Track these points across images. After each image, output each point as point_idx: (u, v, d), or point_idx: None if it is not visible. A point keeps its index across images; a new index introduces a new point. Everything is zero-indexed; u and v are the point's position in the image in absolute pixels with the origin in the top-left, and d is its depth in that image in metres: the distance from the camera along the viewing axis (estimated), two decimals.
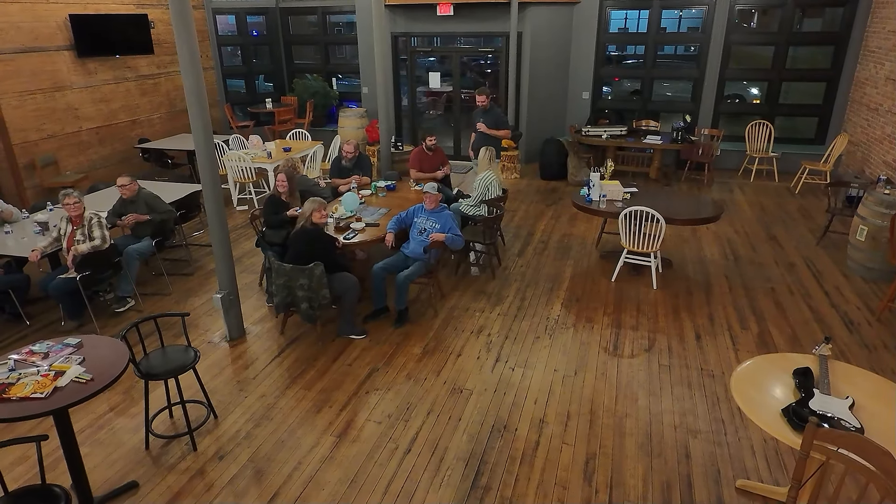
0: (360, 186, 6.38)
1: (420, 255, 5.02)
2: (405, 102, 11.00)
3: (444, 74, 11.24)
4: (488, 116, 6.96)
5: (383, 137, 7.49)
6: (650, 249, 5.52)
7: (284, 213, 5.29)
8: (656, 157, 9.11)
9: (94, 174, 8.78)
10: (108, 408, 3.98)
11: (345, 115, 10.75)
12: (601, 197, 5.86)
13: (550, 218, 7.67)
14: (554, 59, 9.98)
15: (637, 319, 5.09)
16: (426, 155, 6.87)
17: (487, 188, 6.07)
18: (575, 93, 10.33)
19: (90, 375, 2.76)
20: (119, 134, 9.25)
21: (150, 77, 9.74)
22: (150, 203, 5.42)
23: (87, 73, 8.63)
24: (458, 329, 4.94)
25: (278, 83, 12.19)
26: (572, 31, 9.99)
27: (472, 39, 10.59)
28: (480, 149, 6.56)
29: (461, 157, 10.59)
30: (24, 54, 7.73)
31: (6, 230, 5.22)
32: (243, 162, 7.89)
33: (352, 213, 5.57)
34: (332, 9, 11.42)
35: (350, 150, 6.62)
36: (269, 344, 4.76)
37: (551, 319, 5.09)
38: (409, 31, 10.19)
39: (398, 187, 6.49)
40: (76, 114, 8.56)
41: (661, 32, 9.86)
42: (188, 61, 4.03)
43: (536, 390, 4.12)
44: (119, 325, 5.06)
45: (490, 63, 11.40)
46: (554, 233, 7.14)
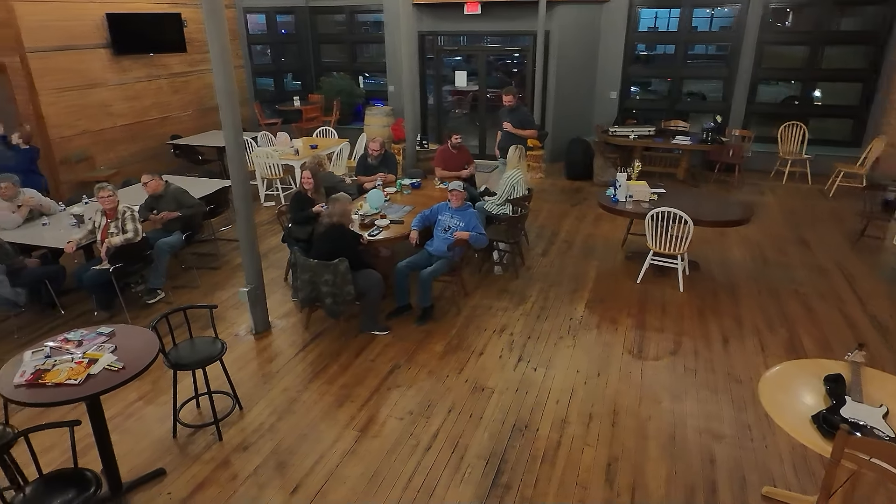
0: (385, 184, 6.42)
1: (444, 252, 5.03)
2: (431, 101, 11.03)
3: (470, 74, 11.24)
4: (514, 116, 6.93)
5: (409, 136, 7.52)
6: (677, 251, 5.44)
7: (310, 209, 5.35)
8: (684, 158, 8.97)
9: (125, 170, 8.98)
10: (137, 396, 4.08)
11: (371, 113, 10.82)
12: (627, 197, 5.80)
13: (575, 218, 7.61)
14: (581, 59, 9.90)
15: (662, 322, 5.02)
16: (451, 153, 6.88)
17: (514, 187, 6.05)
18: (602, 92, 10.23)
19: (121, 364, 2.83)
20: (150, 131, 9.46)
21: (181, 75, 9.94)
22: (178, 198, 5.53)
23: (121, 70, 8.84)
24: (481, 328, 4.93)
25: (306, 81, 12.33)
26: (600, 30, 9.89)
27: (498, 38, 10.57)
28: (508, 148, 6.55)
29: (486, 156, 10.58)
30: (62, 52, 7.96)
31: (43, 222, 5.39)
32: (271, 159, 8.00)
33: (377, 210, 5.61)
34: (360, 8, 11.50)
35: (376, 148, 6.66)
36: (294, 338, 4.83)
37: (574, 320, 5.06)
38: (435, 29, 10.21)
39: (423, 185, 6.51)
40: (109, 110, 8.78)
41: (691, 31, 9.71)
42: (219, 60, 4.10)
43: (559, 390, 4.10)
44: (149, 316, 5.18)
45: (516, 62, 11.36)
46: (578, 233, 7.09)
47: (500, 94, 12.08)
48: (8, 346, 4.74)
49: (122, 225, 4.90)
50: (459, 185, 5.15)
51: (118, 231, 4.88)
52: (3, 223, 5.21)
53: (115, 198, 4.91)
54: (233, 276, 5.98)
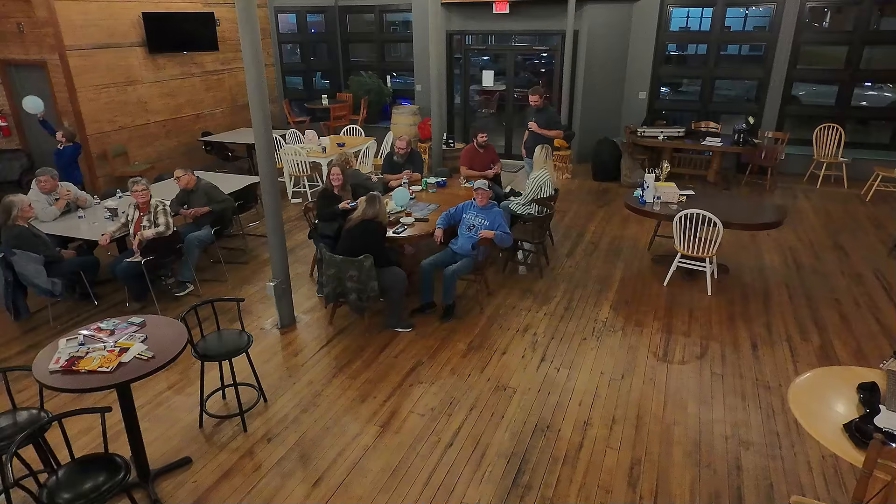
0: (410, 182, 6.44)
1: (468, 251, 5.03)
2: (458, 101, 11.03)
3: (498, 73, 11.22)
4: (541, 116, 6.90)
5: (435, 134, 7.54)
6: (706, 254, 5.34)
7: (336, 206, 5.40)
8: (715, 160, 8.81)
9: (159, 165, 9.20)
10: (166, 386, 4.17)
11: (398, 112, 10.88)
12: (655, 199, 5.72)
13: (602, 219, 7.54)
14: (610, 58, 9.79)
15: (689, 325, 4.94)
16: (477, 152, 6.87)
17: (541, 187, 6.02)
18: (631, 92, 10.10)
19: (151, 353, 2.90)
20: (184, 127, 9.67)
21: (214, 73, 10.13)
22: (209, 193, 5.65)
23: (156, 68, 9.06)
24: (504, 327, 4.92)
25: (334, 80, 12.45)
26: (630, 30, 9.77)
27: (526, 38, 10.53)
28: (534, 148, 6.52)
29: (512, 156, 10.55)
30: (101, 50, 8.19)
31: (80, 215, 5.55)
32: (299, 156, 8.10)
33: (402, 208, 5.64)
34: (389, 7, 11.57)
35: (402, 146, 6.70)
36: (318, 332, 4.88)
37: (599, 321, 5.01)
38: (464, 29, 10.21)
39: (448, 184, 6.52)
40: (145, 107, 9.00)
41: (724, 31, 9.52)
42: (251, 58, 4.17)
43: (581, 392, 4.07)
44: (179, 308, 5.29)
45: (544, 62, 11.30)
46: (605, 234, 7.01)
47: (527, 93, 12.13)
48: (45, 334, 4.90)
49: (153, 218, 5.02)
50: (485, 183, 5.15)
51: (150, 224, 5.01)
52: (41, 215, 5.38)
53: (148, 192, 5.03)
54: (260, 271, 6.08)
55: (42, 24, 7.69)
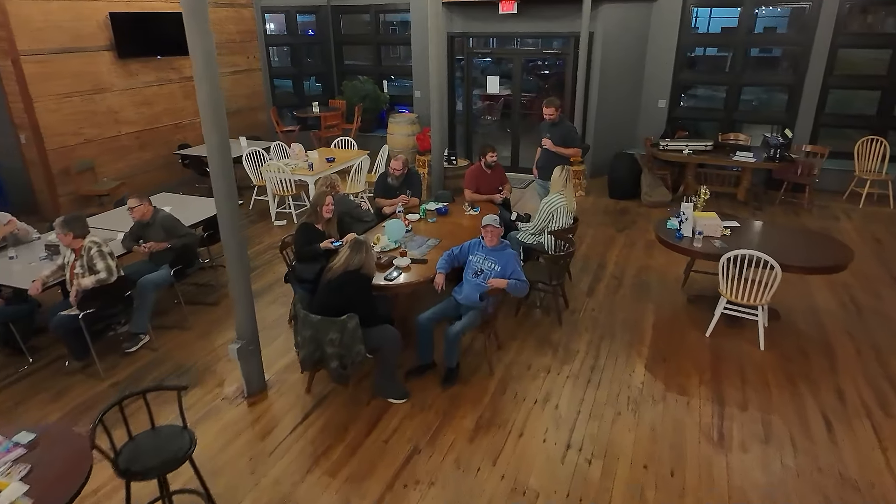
0: (406, 209, 5.58)
1: (475, 302, 4.17)
2: (459, 107, 10.14)
3: (502, 76, 10.37)
4: (556, 131, 6.03)
5: (435, 150, 6.67)
6: (758, 301, 4.48)
7: (319, 244, 4.54)
8: (745, 177, 7.94)
9: (133, 180, 8.35)
10: (89, 490, 3.31)
11: (395, 120, 10.01)
12: (696, 234, 4.85)
13: (623, 246, 6.67)
14: (627, 63, 8.93)
15: (743, 393, 4.07)
16: (484, 173, 6.01)
17: (552, 216, 5.16)
18: (650, 101, 9.24)
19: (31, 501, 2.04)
20: (161, 138, 8.81)
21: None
22: (167, 227, 4.78)
23: (128, 74, 8.19)
24: (519, 396, 4.06)
25: (328, 85, 11.60)
26: (649, 32, 8.91)
27: (535, 40, 9.67)
28: (553, 168, 5.70)
29: (520, 169, 9.69)
30: (64, 55, 7.32)
31: (10, 255, 4.67)
32: (282, 173, 7.24)
33: (396, 244, 4.78)
34: (386, 7, 10.71)
35: (398, 167, 5.84)
36: (293, 402, 4.02)
37: (633, 387, 4.14)
38: (467, 30, 9.35)
39: (451, 210, 5.66)
40: (116, 117, 8.13)
41: (752, 33, 8.65)
42: (203, 69, 3.35)
43: (622, 497, 3.21)
44: (130, 366, 4.44)
45: (554, 66, 10.44)
46: (628, 265, 6.15)
47: (534, 99, 11.25)
48: None
49: (88, 263, 4.14)
50: (495, 219, 4.28)
51: (85, 271, 4.13)
52: None
53: (76, 239, 4.15)
54: (232, 314, 5.20)
55: None
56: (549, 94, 11.19)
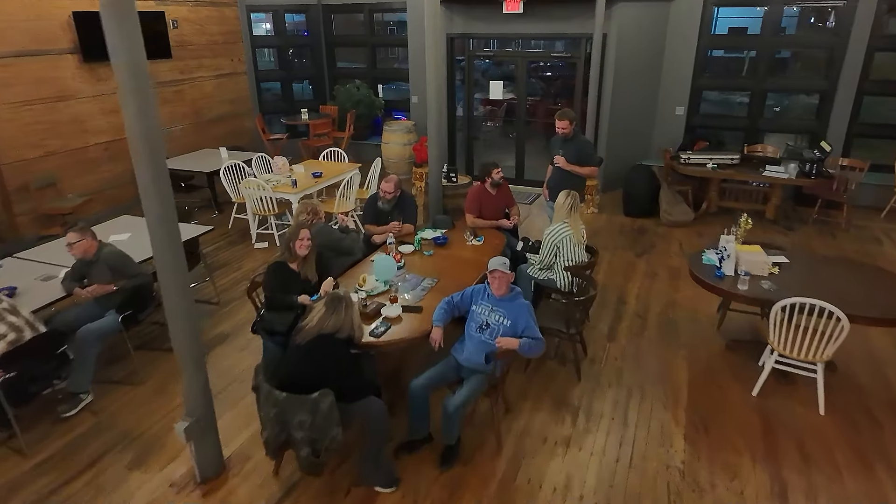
0: (399, 238, 4.84)
1: (479, 364, 3.43)
2: (460, 112, 9.39)
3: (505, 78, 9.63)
4: (570, 147, 5.28)
5: (433, 166, 5.92)
6: (817, 357, 3.74)
7: (294, 289, 3.79)
8: (775, 193, 7.20)
9: (102, 196, 7.62)
10: None
11: (390, 128, 9.29)
12: (741, 274, 4.11)
13: (644, 275, 5.93)
14: (642, 67, 8.19)
15: (808, 474, 3.34)
16: (488, 194, 5.28)
17: (557, 248, 4.43)
18: (666, 108, 8.50)
19: None
20: None
21: (172, 84, 8.53)
22: (114, 265, 4.04)
23: (95, 79, 7.44)
24: (534, 482, 3.32)
25: (319, 90, 10.86)
26: (667, 33, 8.18)
27: (541, 42, 8.94)
28: (559, 190, 4.97)
29: (525, 182, 8.95)
30: (22, 59, 6.57)
31: None
32: (263, 191, 6.50)
33: (386, 285, 4.04)
34: (381, 6, 9.98)
35: (389, 190, 5.10)
36: (257, 489, 3.28)
37: (673, 468, 3.41)
38: (468, 31, 8.60)
39: (451, 239, 4.91)
40: (83, 127, 7.39)
41: (779, 34, 7.91)
42: (128, 82, 2.60)
43: None
44: (65, 436, 3.70)
45: (562, 70, 9.70)
46: (652, 299, 5.41)
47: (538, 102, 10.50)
48: None
49: None
50: (504, 262, 3.54)
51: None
52: None
53: None
54: None
55: None
56: (555, 98, 10.49)
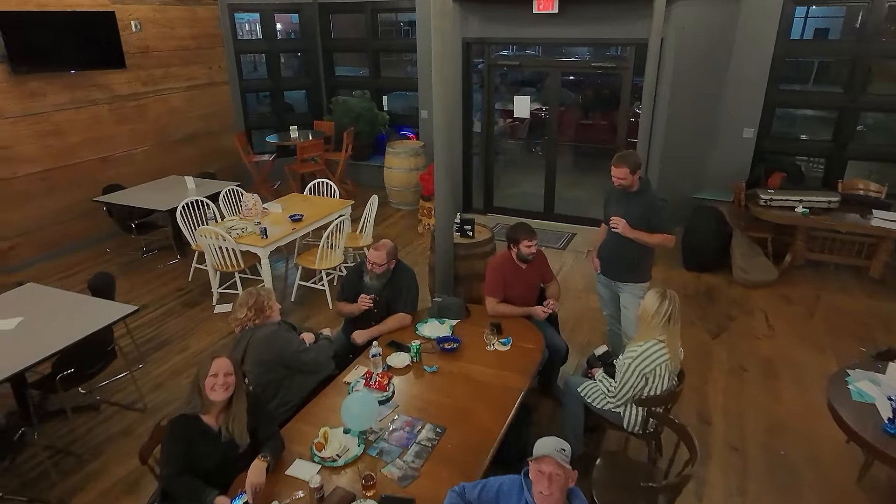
0: (385, 338, 3.34)
1: None
2: (477, 128, 7.83)
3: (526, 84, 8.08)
4: (634, 204, 3.67)
5: (441, 215, 4.35)
6: None
7: (207, 492, 2.29)
8: (883, 246, 5.58)
9: (36, 237, 6.24)
10: None
11: (393, 150, 7.81)
12: None
13: (728, 371, 4.35)
14: (704, 80, 6.61)
15: None
16: (516, 269, 3.76)
17: (645, 379, 2.90)
18: (731, 129, 6.88)
19: None
20: (80, 177, 6.63)
21: (132, 98, 7.10)
22: None
23: (26, 95, 6.03)
24: None
25: (315, 101, 9.40)
26: (735, 39, 6.58)
27: (578, 49, 7.39)
28: (614, 262, 3.49)
29: (554, 217, 7.41)
30: None
31: None
32: (224, 241, 5.03)
33: (360, 445, 2.54)
34: (385, 4, 8.51)
35: (379, 260, 3.60)
36: None
37: None
38: (487, 36, 7.07)
39: (464, 341, 3.38)
40: (7, 154, 5.96)
41: (880, 37, 6.27)
42: None
43: None
44: None
45: (601, 82, 8.12)
46: (747, 417, 3.84)
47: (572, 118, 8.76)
48: None
49: None
50: (561, 448, 2.01)
51: None
52: None
53: None
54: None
55: None
56: (587, 113, 8.82)
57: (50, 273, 5.97)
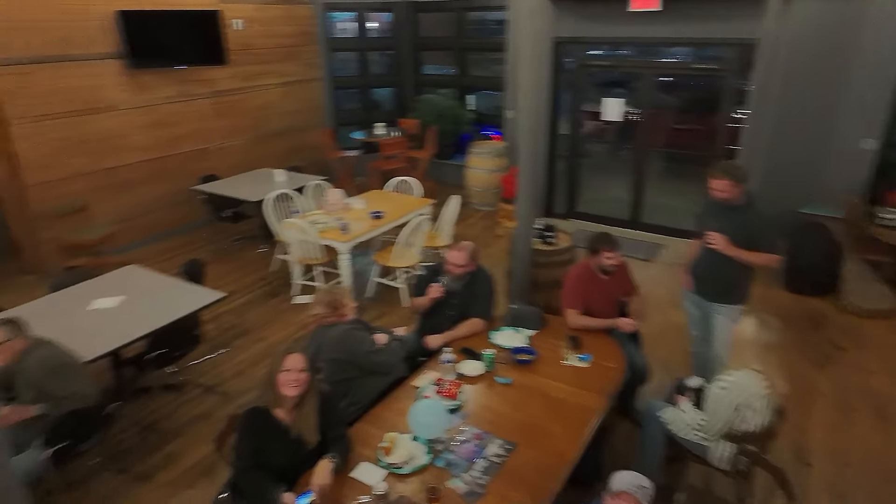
0: (459, 343, 3.26)
1: None
2: (563, 130, 7.58)
3: (616, 85, 7.68)
4: (735, 220, 3.35)
5: (522, 220, 4.23)
6: None
7: (273, 490, 2.30)
8: None
9: (136, 223, 6.67)
10: None
11: (476, 151, 7.73)
12: None
13: (833, 408, 3.92)
14: (817, 84, 6.04)
15: None
16: (596, 280, 3.56)
17: (739, 412, 2.64)
18: (846, 138, 6.24)
19: None
20: (181, 168, 7.06)
21: (230, 93, 7.46)
22: (40, 380, 2.77)
23: (139, 88, 6.47)
24: None
25: (401, 99, 9.50)
26: (856, 40, 5.95)
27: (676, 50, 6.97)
28: (707, 281, 3.22)
29: (641, 225, 7.06)
30: (48, 65, 5.67)
31: None
32: (306, 234, 5.16)
33: (428, 453, 2.47)
34: (477, 4, 8.45)
35: (458, 261, 3.52)
36: None
37: None
38: (580, 35, 6.83)
39: (540, 353, 3.25)
40: (121, 143, 6.44)
41: None
42: None
43: None
44: None
45: (699, 84, 7.63)
46: (854, 459, 3.44)
47: (664, 121, 8.26)
48: None
49: None
50: (640, 482, 1.85)
51: None
52: None
53: None
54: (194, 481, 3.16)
55: None
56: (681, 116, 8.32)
57: (150, 256, 6.37)
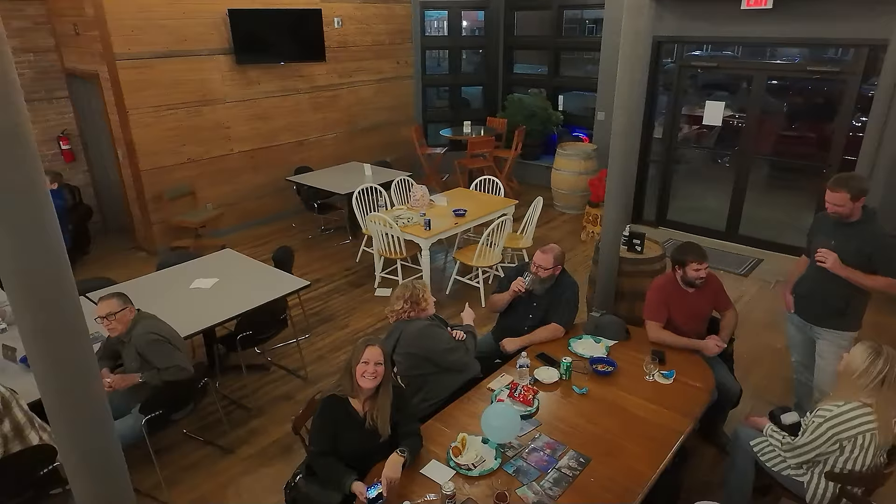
0: (533, 359, 3.19)
1: None
2: (657, 133, 7.26)
3: (718, 88, 7.21)
4: (850, 237, 3.05)
5: (609, 227, 4.08)
6: None
7: (346, 476, 2.37)
8: None
9: (236, 208, 7.09)
10: None
11: (564, 152, 7.58)
12: None
13: None
14: None
15: None
16: (681, 293, 3.38)
17: (840, 445, 2.40)
18: None
19: None
20: (279, 159, 7.43)
21: (328, 88, 7.76)
22: (144, 350, 3.00)
23: (245, 83, 6.87)
24: None
25: (491, 98, 9.48)
26: None
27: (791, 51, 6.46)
28: (814, 303, 2.96)
29: (739, 238, 6.64)
30: (166, 60, 6.15)
31: None
32: (390, 228, 5.26)
33: (497, 458, 2.45)
34: (572, 1, 8.26)
35: (546, 265, 3.45)
36: None
37: None
38: (683, 34, 6.50)
39: (620, 365, 3.12)
40: (227, 133, 6.88)
41: None
42: None
43: None
44: None
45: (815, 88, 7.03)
46: None
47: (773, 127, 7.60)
48: None
49: None
50: None
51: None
52: None
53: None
54: (261, 468, 3.34)
55: (88, 24, 5.83)
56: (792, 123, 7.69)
57: (244, 241, 6.76)
